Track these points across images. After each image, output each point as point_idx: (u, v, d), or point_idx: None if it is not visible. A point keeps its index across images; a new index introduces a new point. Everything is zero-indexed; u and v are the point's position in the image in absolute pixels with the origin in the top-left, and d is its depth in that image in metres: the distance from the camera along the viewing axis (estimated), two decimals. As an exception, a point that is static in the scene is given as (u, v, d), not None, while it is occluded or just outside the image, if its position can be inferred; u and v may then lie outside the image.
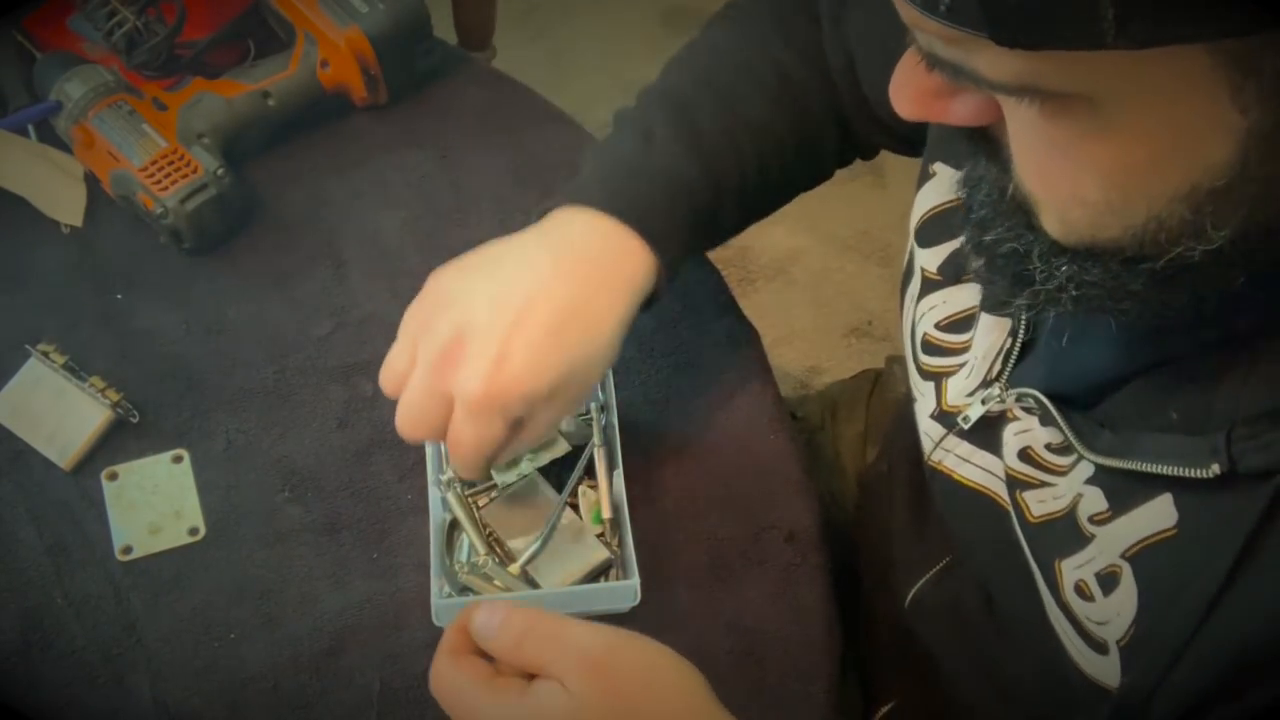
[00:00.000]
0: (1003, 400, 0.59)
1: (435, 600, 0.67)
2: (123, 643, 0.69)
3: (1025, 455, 0.57)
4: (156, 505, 0.74)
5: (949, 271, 0.64)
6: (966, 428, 0.61)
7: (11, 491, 0.74)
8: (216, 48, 0.90)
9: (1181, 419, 0.48)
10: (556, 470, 0.73)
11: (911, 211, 0.66)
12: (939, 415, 0.64)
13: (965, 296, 0.63)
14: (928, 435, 0.65)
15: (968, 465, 0.62)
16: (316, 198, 0.88)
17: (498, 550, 0.71)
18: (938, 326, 0.64)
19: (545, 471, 0.73)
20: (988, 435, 0.61)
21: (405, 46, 0.89)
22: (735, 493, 0.75)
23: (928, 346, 0.65)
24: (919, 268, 0.66)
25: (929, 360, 0.65)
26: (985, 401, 0.60)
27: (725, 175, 0.70)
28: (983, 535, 0.62)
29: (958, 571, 0.71)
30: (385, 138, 0.91)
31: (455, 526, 0.71)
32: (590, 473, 0.73)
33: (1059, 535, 0.54)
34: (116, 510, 0.73)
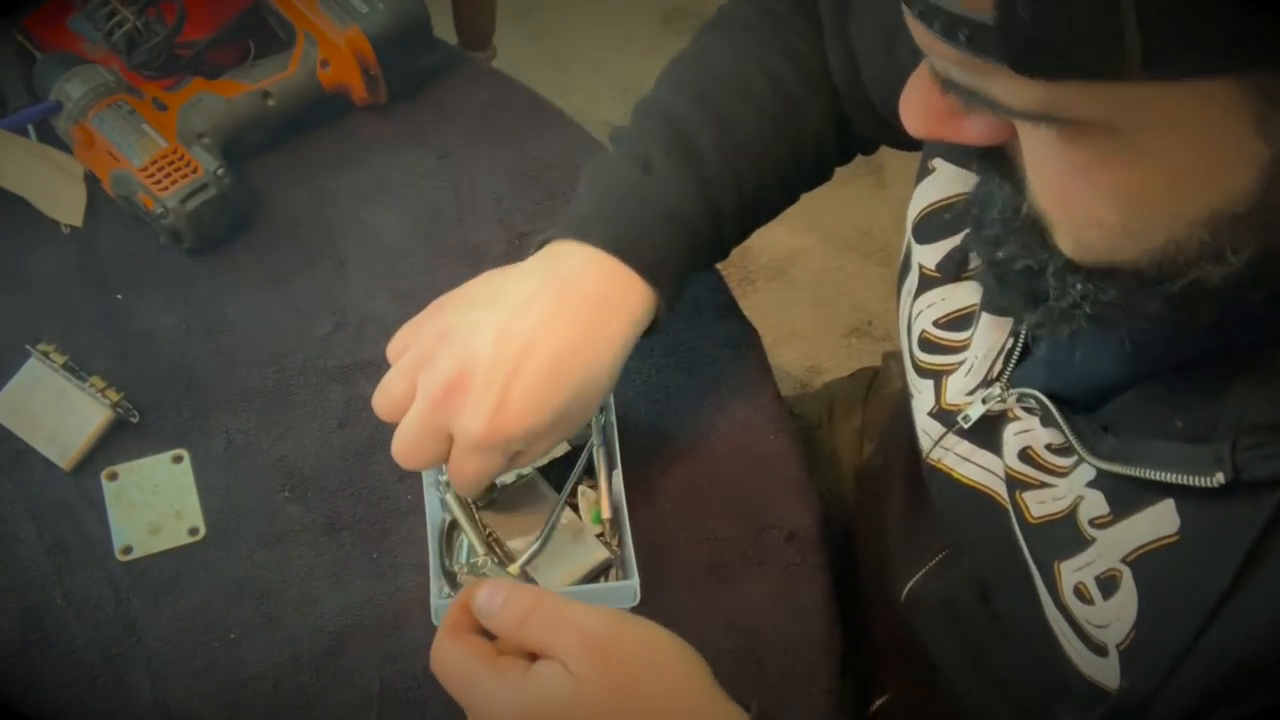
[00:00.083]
0: (1003, 400, 0.59)
1: (435, 600, 0.67)
2: (123, 643, 0.69)
3: (1026, 455, 0.57)
4: (156, 505, 0.74)
5: (948, 268, 0.64)
6: (967, 427, 0.61)
7: (11, 491, 0.74)
8: (216, 48, 0.90)
9: (1186, 427, 0.48)
10: (556, 470, 0.73)
11: (909, 207, 0.66)
12: (937, 413, 0.64)
13: (964, 294, 0.63)
14: (925, 433, 0.65)
15: (967, 464, 0.62)
16: (317, 198, 0.87)
17: (497, 550, 0.71)
18: (936, 324, 0.64)
19: (545, 471, 0.73)
20: (988, 434, 0.60)
21: (405, 46, 0.89)
22: (735, 493, 0.75)
23: (925, 344, 0.65)
24: (916, 264, 0.66)
25: (927, 358, 0.65)
26: (986, 401, 0.59)
27: (724, 202, 0.70)
28: (982, 534, 0.62)
29: (953, 566, 0.71)
30: (385, 138, 0.91)
31: (455, 527, 0.71)
32: (590, 473, 0.73)
33: (1058, 537, 0.54)
34: (116, 510, 0.73)
